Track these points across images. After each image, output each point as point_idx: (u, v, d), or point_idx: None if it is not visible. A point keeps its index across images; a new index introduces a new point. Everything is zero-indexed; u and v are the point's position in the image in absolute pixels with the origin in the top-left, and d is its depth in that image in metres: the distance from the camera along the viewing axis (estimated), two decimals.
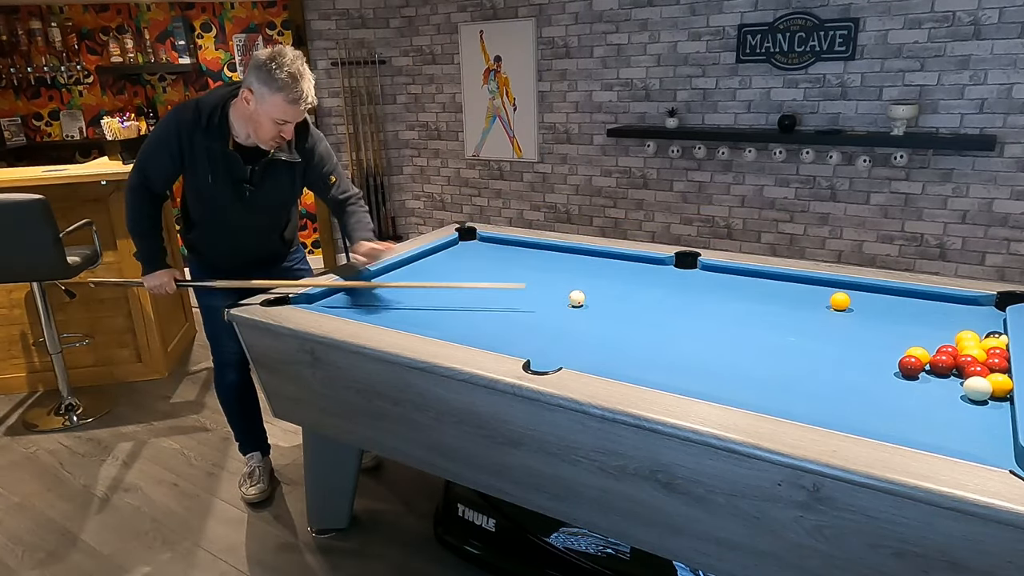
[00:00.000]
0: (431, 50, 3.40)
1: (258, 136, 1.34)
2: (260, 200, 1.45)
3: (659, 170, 2.94)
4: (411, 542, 1.53)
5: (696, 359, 1.12)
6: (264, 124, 1.30)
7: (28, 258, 1.89)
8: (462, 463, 1.17)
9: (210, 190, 1.41)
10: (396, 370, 1.14)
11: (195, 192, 1.45)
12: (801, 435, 0.83)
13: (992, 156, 2.26)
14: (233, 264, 1.53)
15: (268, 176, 1.43)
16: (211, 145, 1.36)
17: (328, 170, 1.49)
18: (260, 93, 1.28)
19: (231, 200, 1.43)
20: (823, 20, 2.41)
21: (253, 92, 1.28)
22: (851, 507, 0.79)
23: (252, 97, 1.29)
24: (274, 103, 1.27)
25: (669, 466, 0.91)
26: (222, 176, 1.39)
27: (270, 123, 1.30)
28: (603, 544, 1.25)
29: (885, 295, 1.38)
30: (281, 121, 1.30)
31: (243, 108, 1.32)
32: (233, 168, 1.39)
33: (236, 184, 1.41)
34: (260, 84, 1.27)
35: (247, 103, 1.30)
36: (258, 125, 1.32)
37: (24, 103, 3.29)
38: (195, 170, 1.39)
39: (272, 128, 1.31)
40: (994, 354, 1.04)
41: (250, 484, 1.71)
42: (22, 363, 2.36)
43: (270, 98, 1.27)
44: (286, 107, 1.28)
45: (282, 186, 1.46)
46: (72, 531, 1.62)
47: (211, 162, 1.38)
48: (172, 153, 1.38)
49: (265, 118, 1.29)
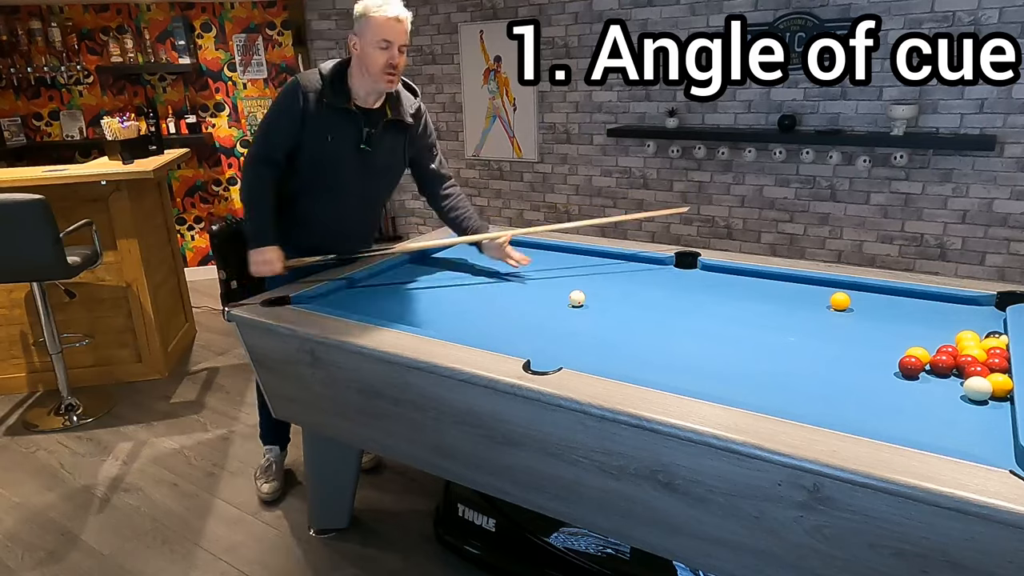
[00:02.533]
0: (431, 50, 3.40)
1: (372, 72, 1.38)
2: (374, 163, 1.49)
3: (659, 170, 2.94)
4: (411, 542, 1.53)
5: (696, 359, 1.12)
6: (372, 56, 1.35)
7: (28, 258, 1.89)
8: (462, 463, 1.17)
9: (329, 150, 1.44)
10: (396, 370, 1.14)
11: (311, 157, 1.46)
12: (801, 435, 0.83)
13: (992, 156, 2.26)
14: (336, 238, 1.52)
15: (384, 137, 1.48)
16: (333, 104, 1.41)
17: (433, 140, 1.57)
18: (359, 27, 1.36)
19: (347, 161, 1.46)
20: (823, 20, 2.41)
21: (356, 34, 1.37)
22: (851, 507, 0.78)
23: (356, 39, 1.37)
24: (372, 26, 1.34)
25: (669, 466, 0.91)
26: (341, 136, 1.44)
27: (377, 52, 1.35)
28: (603, 544, 1.25)
29: (885, 295, 1.38)
30: (385, 44, 1.35)
31: (355, 59, 1.39)
32: (354, 126, 1.44)
33: (354, 144, 1.45)
34: (357, 22, 1.36)
35: (355, 49, 1.38)
36: (368, 61, 1.36)
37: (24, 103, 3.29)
38: (315, 133, 1.43)
39: (381, 57, 1.35)
40: (994, 354, 1.03)
41: (265, 480, 1.72)
42: (22, 363, 2.36)
43: (367, 24, 1.35)
44: (383, 25, 1.34)
45: (395, 150, 1.52)
46: (72, 531, 1.62)
47: (332, 122, 1.42)
48: (294, 117, 1.41)
49: (371, 48, 1.35)
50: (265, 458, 1.77)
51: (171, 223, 2.76)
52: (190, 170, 3.52)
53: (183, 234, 3.60)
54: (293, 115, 1.41)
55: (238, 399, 2.28)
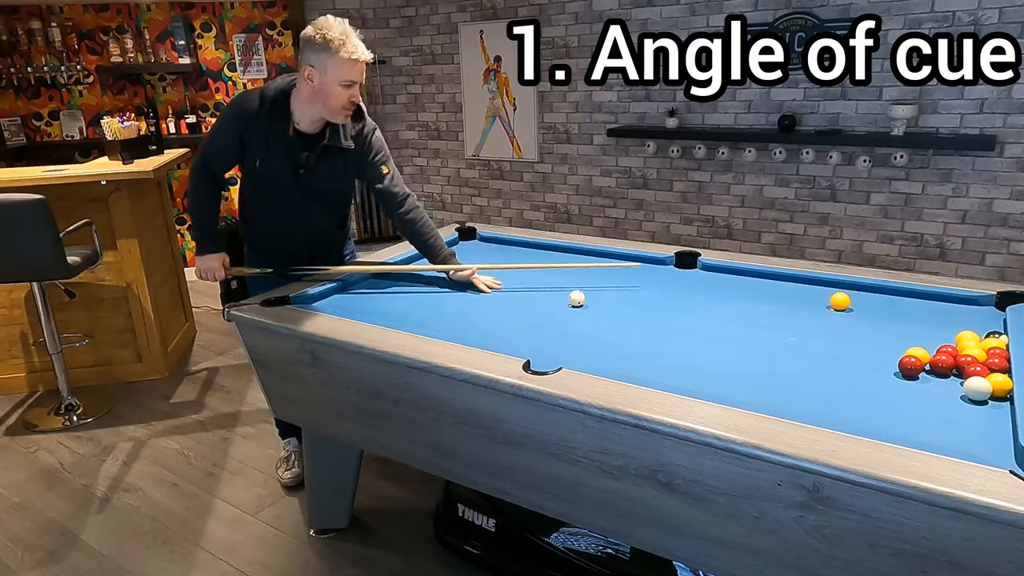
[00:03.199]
0: (431, 50, 3.40)
1: (329, 108, 1.36)
2: (314, 185, 1.48)
3: (659, 170, 2.94)
4: (411, 542, 1.53)
5: (696, 359, 1.12)
6: (333, 92, 1.33)
7: (28, 258, 1.89)
8: (462, 463, 1.17)
9: (266, 174, 1.45)
10: (396, 370, 1.14)
11: (252, 178, 1.48)
12: (801, 435, 0.83)
13: (992, 156, 2.26)
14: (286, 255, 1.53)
15: (323, 162, 1.46)
16: (272, 130, 1.39)
17: (380, 159, 1.49)
18: (320, 62, 1.31)
19: (286, 184, 1.46)
20: (823, 20, 2.41)
21: (314, 66, 1.32)
22: (851, 507, 0.78)
23: (314, 71, 1.32)
24: (338, 66, 1.31)
25: (669, 466, 0.90)
26: (278, 160, 1.43)
27: (338, 89, 1.32)
28: (603, 544, 1.25)
29: (885, 295, 1.38)
30: (347, 83, 1.33)
31: (307, 88, 1.35)
32: (290, 152, 1.42)
33: (292, 169, 1.44)
34: (317, 54, 1.31)
35: (311, 81, 1.33)
36: (327, 96, 1.34)
37: (24, 103, 3.29)
38: (253, 155, 1.43)
39: (342, 94, 1.33)
40: (994, 354, 1.03)
41: (285, 468, 1.75)
42: (22, 363, 2.36)
43: (333, 63, 1.30)
44: (348, 66, 1.32)
45: (335, 172, 1.49)
46: (72, 531, 1.61)
47: (270, 147, 1.41)
48: (234, 137, 1.42)
49: (332, 85, 1.32)
50: (285, 450, 1.80)
51: (171, 223, 2.75)
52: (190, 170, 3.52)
53: (183, 234, 3.59)
54: (231, 136, 1.42)
55: (238, 399, 2.28)
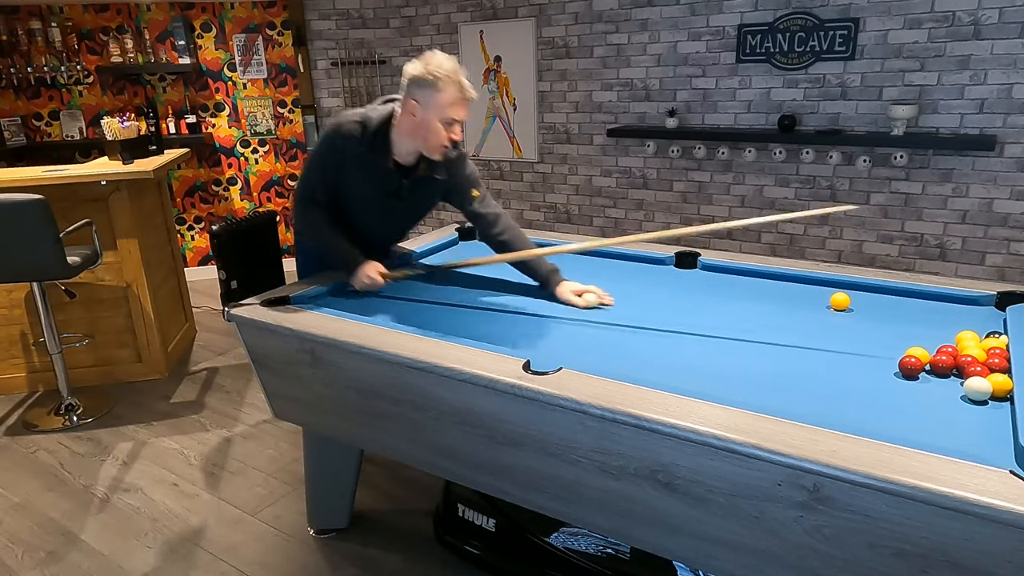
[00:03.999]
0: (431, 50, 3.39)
1: (429, 145, 1.34)
2: (401, 208, 1.49)
3: (659, 170, 2.94)
4: (411, 542, 1.53)
5: (696, 359, 1.12)
6: (434, 129, 1.31)
7: (28, 258, 1.89)
8: (462, 463, 1.16)
9: (358, 197, 1.44)
10: (396, 370, 1.14)
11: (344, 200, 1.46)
12: (801, 435, 0.83)
13: (992, 156, 2.26)
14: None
15: (415, 189, 1.46)
16: (372, 161, 1.38)
17: (471, 183, 1.48)
18: (425, 99, 1.29)
19: (374, 211, 1.47)
20: (823, 20, 2.41)
21: (418, 101, 1.30)
22: (851, 507, 0.78)
23: (418, 106, 1.31)
24: (441, 103, 1.29)
25: (669, 466, 0.90)
26: (370, 187, 1.43)
27: (440, 127, 1.31)
28: (603, 544, 1.25)
29: (885, 295, 1.37)
30: (450, 120, 1.32)
31: (408, 123, 1.34)
32: (384, 182, 1.42)
33: (381, 195, 1.44)
34: (423, 90, 1.29)
35: (413, 115, 1.32)
36: (428, 132, 1.32)
37: (24, 103, 3.29)
38: (347, 180, 1.42)
39: (442, 132, 1.32)
40: (994, 354, 1.03)
41: None
42: (22, 363, 2.36)
43: (438, 98, 1.28)
44: (453, 105, 1.30)
45: (422, 198, 1.51)
46: (72, 531, 1.61)
47: (365, 175, 1.41)
48: (332, 167, 1.41)
49: (435, 122, 1.31)
50: None
51: (171, 223, 2.75)
52: (190, 170, 3.51)
53: (183, 234, 3.59)
54: (331, 166, 1.41)
55: (238, 399, 2.28)
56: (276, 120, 3.53)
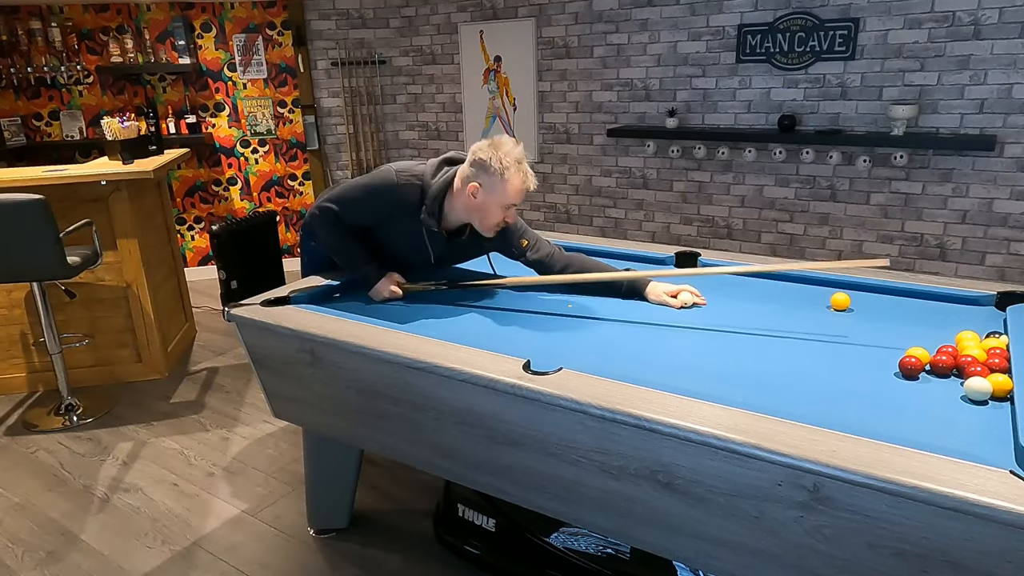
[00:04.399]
0: (431, 50, 3.40)
1: (485, 224, 1.39)
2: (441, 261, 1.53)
3: (659, 170, 2.94)
4: (411, 542, 1.53)
5: (696, 359, 1.12)
6: (493, 212, 1.36)
7: (28, 258, 1.89)
8: (462, 463, 1.16)
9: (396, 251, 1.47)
10: (396, 370, 1.14)
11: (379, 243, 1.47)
12: (801, 435, 0.83)
13: (992, 156, 2.26)
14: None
15: (461, 250, 1.51)
16: (428, 225, 1.41)
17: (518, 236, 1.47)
18: (489, 185, 1.33)
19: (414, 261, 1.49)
20: (823, 20, 2.41)
21: (482, 186, 1.34)
22: (851, 507, 0.78)
23: (480, 190, 1.34)
24: (504, 191, 1.33)
25: (669, 466, 0.90)
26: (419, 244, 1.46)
27: (498, 210, 1.36)
28: (603, 544, 1.25)
29: (885, 295, 1.38)
30: (508, 206, 1.36)
31: (467, 201, 1.37)
32: (433, 242, 1.46)
33: (427, 251, 1.48)
34: (488, 176, 1.33)
35: (473, 197, 1.35)
36: (486, 214, 1.37)
37: (24, 103, 3.29)
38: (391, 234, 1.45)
39: (499, 214, 1.37)
40: (994, 354, 1.03)
41: None
42: (22, 363, 2.36)
43: (500, 187, 1.33)
44: (515, 193, 1.34)
45: (468, 253, 1.56)
46: (72, 531, 1.61)
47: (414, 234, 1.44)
48: (379, 214, 1.42)
49: (495, 207, 1.35)
50: None
51: (171, 223, 2.75)
52: (190, 170, 3.51)
53: (183, 234, 3.59)
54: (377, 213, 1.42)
55: (238, 399, 2.28)
56: (276, 120, 3.53)
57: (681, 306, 1.36)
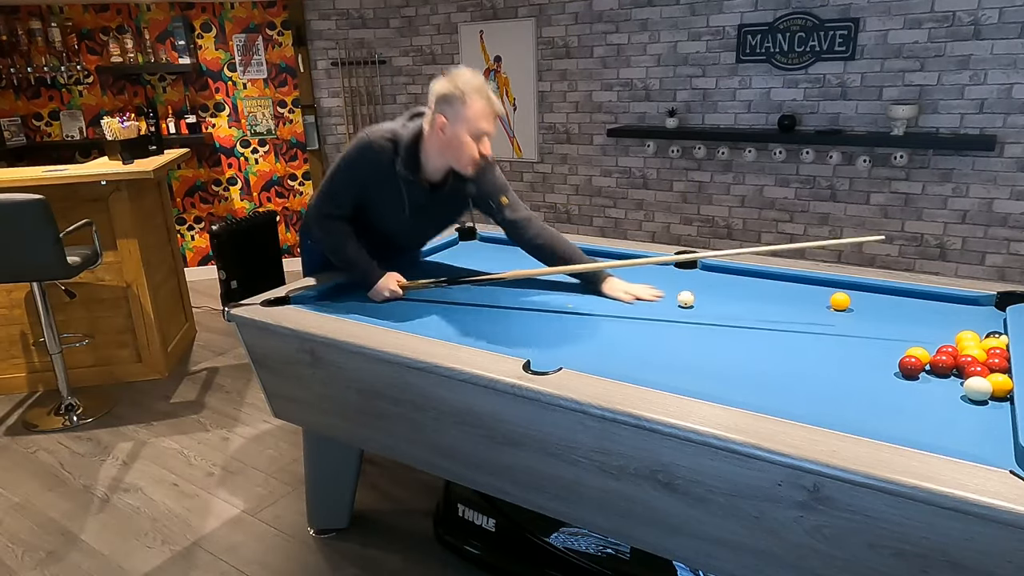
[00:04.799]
0: (431, 50, 3.40)
1: (460, 160, 1.35)
2: (427, 221, 1.49)
3: (659, 170, 2.94)
4: (411, 542, 1.53)
5: (696, 359, 1.12)
6: (465, 143, 1.32)
7: (28, 258, 1.89)
8: (462, 463, 1.16)
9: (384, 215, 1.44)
10: (396, 370, 1.14)
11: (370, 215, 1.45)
12: (801, 435, 0.83)
13: (992, 156, 2.26)
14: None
15: (443, 204, 1.46)
16: (403, 179, 1.38)
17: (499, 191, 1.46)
18: (454, 114, 1.30)
19: (400, 224, 1.46)
20: (823, 20, 2.41)
21: (447, 118, 1.31)
22: (851, 507, 0.78)
23: (447, 123, 1.31)
24: (472, 116, 1.30)
25: (669, 466, 0.90)
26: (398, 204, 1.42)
27: (470, 140, 1.32)
28: (603, 544, 1.25)
29: (885, 295, 1.37)
30: (479, 134, 1.32)
31: (438, 139, 1.34)
32: (413, 197, 1.42)
33: (410, 210, 1.44)
34: (451, 105, 1.30)
35: (442, 132, 1.32)
36: (458, 147, 1.33)
37: (24, 103, 3.29)
38: (374, 195, 1.42)
39: (472, 146, 1.33)
40: (994, 354, 1.03)
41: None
42: (22, 363, 2.36)
43: (466, 112, 1.29)
44: (481, 118, 1.31)
45: (451, 210, 1.52)
46: (72, 531, 1.61)
47: (395, 193, 1.40)
48: (360, 184, 1.40)
49: (465, 137, 1.31)
50: None
51: (171, 223, 2.75)
52: (190, 170, 3.51)
53: (183, 234, 3.59)
54: (358, 184, 1.40)
55: (238, 399, 2.28)
56: (276, 120, 3.53)
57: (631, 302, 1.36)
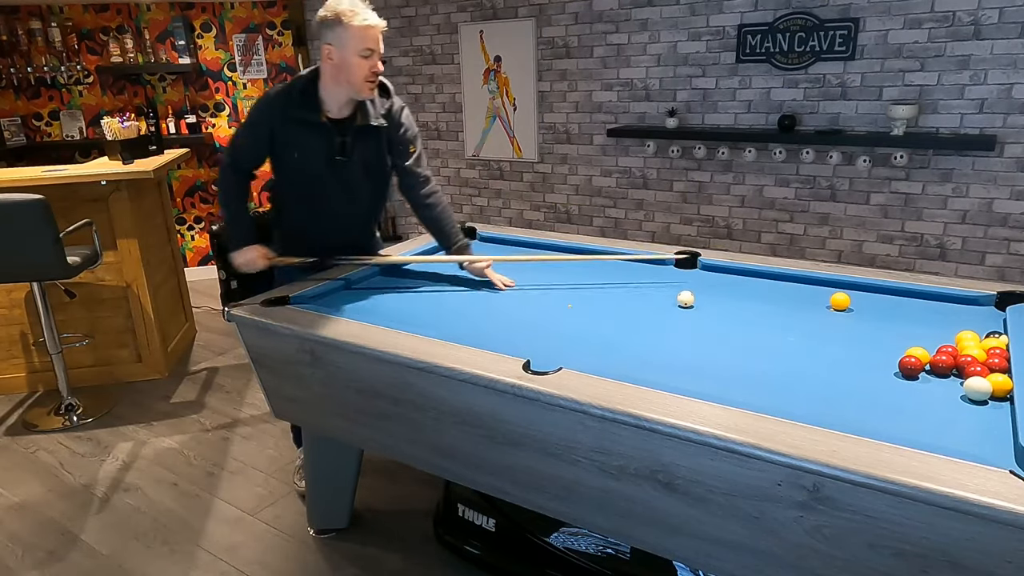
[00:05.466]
0: (431, 50, 3.39)
1: (354, 83, 1.35)
2: (350, 170, 1.46)
3: (659, 170, 2.94)
4: (411, 542, 1.53)
5: (696, 359, 1.11)
6: (354, 64, 1.32)
7: (28, 258, 1.89)
8: (462, 463, 1.16)
9: (300, 164, 1.44)
10: (396, 370, 1.14)
11: (285, 170, 1.47)
12: (801, 435, 0.83)
13: (992, 156, 2.26)
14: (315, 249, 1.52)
15: (357, 144, 1.44)
16: (304, 118, 1.39)
17: (409, 137, 1.48)
18: (336, 37, 1.31)
19: (322, 173, 1.44)
20: (823, 20, 2.41)
21: (332, 44, 1.32)
22: (851, 507, 0.78)
23: (332, 48, 1.32)
24: (352, 36, 1.30)
25: (669, 466, 0.90)
26: (313, 149, 1.42)
27: (358, 60, 1.32)
28: (603, 544, 1.25)
29: (885, 295, 1.37)
30: (367, 52, 1.32)
31: (329, 68, 1.35)
32: (324, 139, 1.41)
33: (327, 156, 1.43)
34: (331, 29, 1.31)
35: (331, 59, 1.33)
36: (349, 70, 1.33)
37: (24, 103, 3.29)
38: (287, 147, 1.42)
39: (363, 65, 1.32)
40: (994, 354, 1.03)
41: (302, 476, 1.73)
42: (22, 363, 2.36)
43: (346, 34, 1.30)
44: (363, 33, 1.30)
45: (370, 154, 1.47)
46: (72, 531, 1.61)
47: (302, 137, 1.40)
48: (264, 132, 1.41)
49: (352, 57, 1.31)
50: (300, 459, 1.78)
51: (171, 223, 2.75)
52: (190, 170, 3.51)
53: (183, 234, 3.59)
54: (260, 131, 1.41)
55: (238, 399, 2.28)
56: None
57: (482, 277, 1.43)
